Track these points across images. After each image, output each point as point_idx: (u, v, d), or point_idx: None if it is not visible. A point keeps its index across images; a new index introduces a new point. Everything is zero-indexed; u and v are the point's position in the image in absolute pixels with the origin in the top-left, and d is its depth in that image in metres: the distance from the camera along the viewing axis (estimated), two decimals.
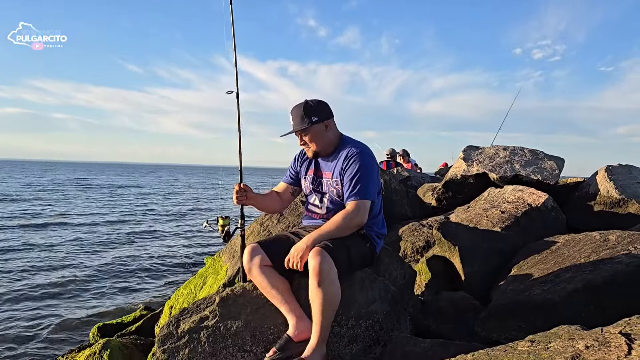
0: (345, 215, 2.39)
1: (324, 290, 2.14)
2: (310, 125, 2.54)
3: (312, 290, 2.17)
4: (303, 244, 2.33)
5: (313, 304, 2.18)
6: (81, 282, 7.94)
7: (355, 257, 2.45)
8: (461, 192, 5.59)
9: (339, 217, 2.40)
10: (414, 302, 2.98)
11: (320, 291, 2.14)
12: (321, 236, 2.33)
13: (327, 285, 2.15)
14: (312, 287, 2.17)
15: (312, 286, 2.17)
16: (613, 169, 5.10)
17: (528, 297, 2.55)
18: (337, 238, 2.33)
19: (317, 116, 2.55)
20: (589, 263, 2.70)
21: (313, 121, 2.54)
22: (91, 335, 4.77)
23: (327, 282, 2.14)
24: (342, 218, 2.39)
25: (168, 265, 9.60)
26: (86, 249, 10.79)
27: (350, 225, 2.40)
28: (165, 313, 4.17)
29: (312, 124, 2.54)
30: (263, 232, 4.21)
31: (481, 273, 3.43)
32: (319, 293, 2.14)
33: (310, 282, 2.18)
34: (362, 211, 2.41)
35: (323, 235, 2.34)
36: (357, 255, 2.48)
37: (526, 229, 3.88)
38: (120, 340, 3.00)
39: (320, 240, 2.31)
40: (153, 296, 7.36)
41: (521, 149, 5.73)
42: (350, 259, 2.39)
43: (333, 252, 2.20)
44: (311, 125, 2.54)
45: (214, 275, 4.18)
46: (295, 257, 2.32)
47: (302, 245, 2.33)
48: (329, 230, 2.36)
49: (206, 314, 2.45)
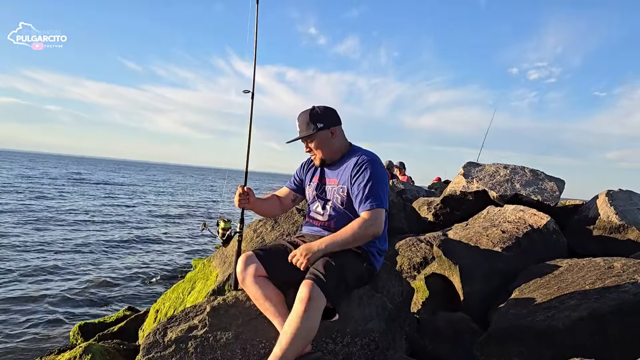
0: (362, 224, 2.28)
1: (303, 322, 2.00)
2: (315, 132, 2.46)
3: (291, 317, 2.04)
4: (315, 247, 2.24)
5: (286, 329, 2.03)
6: (65, 279, 7.76)
7: (351, 281, 2.35)
8: (459, 208, 5.51)
9: (355, 225, 2.29)
10: (410, 320, 2.88)
11: (299, 322, 2.00)
12: (335, 243, 2.25)
13: (308, 318, 2.00)
14: (293, 315, 2.03)
15: (293, 314, 2.04)
16: (614, 194, 5.04)
17: (531, 323, 2.47)
18: (336, 260, 2.21)
19: (323, 122, 2.48)
20: (594, 290, 2.62)
21: (319, 127, 2.46)
22: (72, 334, 4.63)
23: (309, 313, 2.00)
24: (358, 226, 2.27)
25: (156, 266, 9.43)
26: (71, 245, 10.58)
27: (366, 234, 2.29)
28: (151, 317, 4.04)
29: (318, 130, 2.46)
30: (256, 239, 4.09)
31: (481, 294, 3.34)
32: (298, 322, 2.00)
33: (293, 310, 2.05)
34: (379, 220, 2.30)
35: (337, 242, 2.25)
36: (354, 278, 2.37)
37: (527, 251, 3.80)
38: (103, 345, 2.86)
39: (332, 248, 2.24)
40: (138, 297, 7.20)
41: (522, 168, 5.67)
42: (346, 285, 2.29)
43: (325, 286, 2.07)
44: (317, 132, 2.47)
45: (204, 280, 4.06)
46: (302, 256, 2.23)
47: (314, 248, 2.24)
48: (344, 238, 2.26)
49: (195, 323, 2.34)
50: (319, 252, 2.23)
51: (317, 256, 2.22)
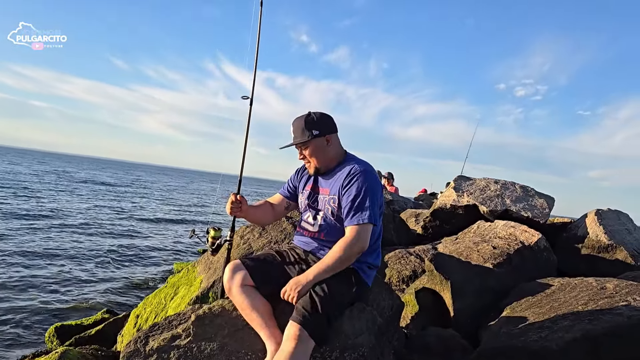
0: (345, 246, 2.21)
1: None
2: (310, 139, 2.38)
3: (279, 356, 1.97)
4: (304, 279, 2.17)
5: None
6: (43, 280, 7.55)
7: (341, 308, 2.29)
8: (449, 222, 5.48)
9: (338, 248, 2.22)
10: (399, 335, 2.82)
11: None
12: (322, 271, 2.18)
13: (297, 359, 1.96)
14: (281, 355, 1.96)
15: (281, 353, 1.97)
16: (603, 214, 5.05)
17: (524, 343, 2.42)
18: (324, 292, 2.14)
19: (319, 130, 2.40)
20: (587, 312, 2.59)
21: (314, 135, 2.38)
22: (47, 335, 4.48)
23: (298, 356, 1.96)
24: (341, 249, 2.21)
25: (138, 269, 9.25)
26: (50, 246, 10.34)
27: (351, 254, 2.22)
28: (131, 322, 3.91)
29: (313, 137, 2.38)
30: (243, 246, 4.00)
31: (472, 310, 3.29)
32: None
33: (281, 349, 1.99)
34: (362, 236, 2.24)
35: (324, 270, 2.18)
36: (343, 305, 2.31)
37: (518, 268, 3.76)
38: (80, 351, 2.74)
39: (320, 277, 2.17)
40: (118, 300, 7.02)
41: (512, 184, 5.66)
42: (335, 316, 2.23)
43: (313, 328, 2.02)
44: (312, 139, 2.38)
45: (187, 286, 3.95)
46: (292, 290, 2.16)
47: (302, 281, 2.17)
48: (330, 264, 2.19)
49: (179, 332, 2.24)
50: (308, 284, 2.16)
51: (307, 288, 2.15)
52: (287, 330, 2.02)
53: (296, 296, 2.13)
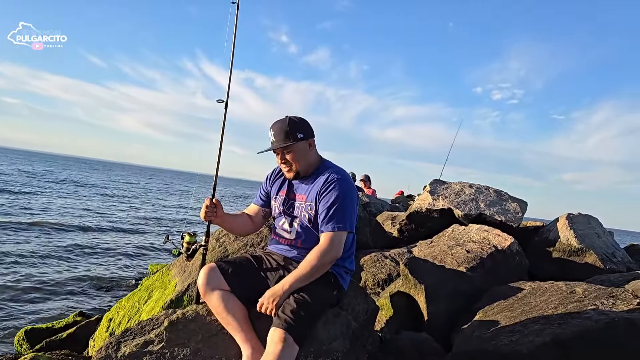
0: (319, 253, 2.22)
1: None
2: (295, 143, 2.36)
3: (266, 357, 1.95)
4: (279, 290, 2.17)
5: None
6: (12, 281, 7.36)
7: (320, 312, 2.31)
8: (424, 225, 5.53)
9: (312, 256, 2.22)
10: (373, 339, 2.83)
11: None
12: (297, 280, 2.18)
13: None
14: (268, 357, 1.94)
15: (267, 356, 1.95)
16: (574, 218, 5.17)
17: (495, 347, 2.46)
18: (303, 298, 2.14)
19: (303, 133, 2.39)
20: (557, 315, 2.64)
21: (299, 138, 2.37)
22: (16, 339, 4.36)
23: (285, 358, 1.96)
24: (315, 257, 2.21)
25: (111, 270, 9.08)
26: (23, 245, 10.10)
27: (325, 262, 2.23)
28: (103, 326, 3.85)
29: (298, 140, 2.37)
30: (219, 249, 3.98)
31: (445, 314, 3.33)
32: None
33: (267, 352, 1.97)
34: (336, 244, 2.25)
35: (299, 279, 2.18)
36: (322, 309, 2.34)
37: (491, 272, 3.83)
38: (50, 356, 2.68)
39: (296, 286, 2.17)
40: (90, 302, 6.87)
41: (486, 188, 5.75)
42: (316, 319, 2.26)
43: (297, 332, 2.02)
44: (296, 143, 2.37)
45: (161, 289, 3.90)
46: (270, 302, 2.15)
47: (278, 291, 2.16)
48: (305, 273, 2.19)
49: (151, 338, 2.21)
50: (285, 294, 2.16)
51: (283, 298, 2.15)
52: (271, 334, 2.00)
53: (274, 308, 2.12)
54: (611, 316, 2.40)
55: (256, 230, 2.75)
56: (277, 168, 2.60)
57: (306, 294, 2.17)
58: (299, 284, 2.18)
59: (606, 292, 2.86)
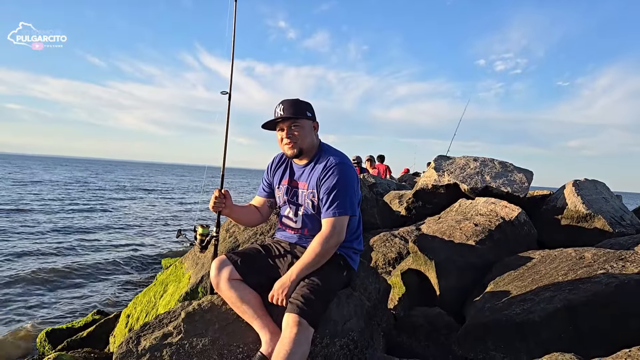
0: (322, 240, 2.25)
1: (296, 347, 1.96)
2: (304, 118, 2.41)
3: (281, 349, 1.98)
4: (287, 280, 2.21)
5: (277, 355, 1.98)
6: (31, 283, 7.48)
7: (333, 295, 2.35)
8: (431, 202, 5.55)
9: (315, 244, 2.26)
10: (387, 317, 2.87)
11: (292, 345, 1.96)
12: (304, 269, 2.22)
13: (300, 344, 1.98)
14: (285, 341, 1.99)
15: (283, 340, 1.99)
16: (580, 184, 5.16)
17: (507, 316, 2.49)
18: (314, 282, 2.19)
19: (311, 113, 2.46)
20: (567, 282, 2.66)
21: (308, 116, 2.42)
22: (39, 340, 4.46)
23: (300, 343, 1.98)
24: (318, 244, 2.25)
25: (125, 268, 9.18)
26: (38, 247, 10.23)
27: (329, 248, 2.27)
28: (122, 322, 3.92)
29: (307, 118, 2.42)
30: (229, 239, 4.01)
31: (456, 288, 3.36)
32: (290, 345, 1.96)
33: (283, 337, 2.01)
34: (338, 229, 2.28)
35: (305, 267, 2.23)
36: (334, 291, 2.38)
37: (500, 243, 3.84)
38: (73, 355, 2.75)
39: (303, 274, 2.22)
40: (108, 300, 6.98)
41: (491, 161, 5.74)
42: (329, 301, 2.30)
43: (310, 314, 2.05)
44: (305, 119, 2.41)
45: (176, 283, 3.96)
46: (279, 293, 2.20)
47: (286, 282, 2.20)
48: (310, 261, 2.23)
49: (170, 330, 2.26)
50: (293, 283, 2.20)
51: (292, 288, 2.19)
52: (285, 319, 2.05)
53: (285, 299, 2.16)
54: (621, 279, 2.41)
55: (264, 221, 2.78)
56: (276, 157, 2.63)
57: (316, 277, 2.21)
58: (306, 271, 2.22)
59: (615, 255, 2.87)
